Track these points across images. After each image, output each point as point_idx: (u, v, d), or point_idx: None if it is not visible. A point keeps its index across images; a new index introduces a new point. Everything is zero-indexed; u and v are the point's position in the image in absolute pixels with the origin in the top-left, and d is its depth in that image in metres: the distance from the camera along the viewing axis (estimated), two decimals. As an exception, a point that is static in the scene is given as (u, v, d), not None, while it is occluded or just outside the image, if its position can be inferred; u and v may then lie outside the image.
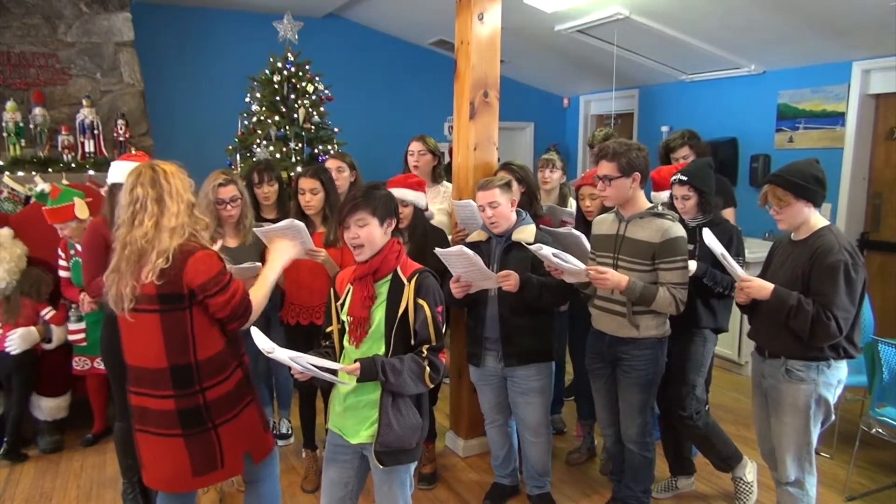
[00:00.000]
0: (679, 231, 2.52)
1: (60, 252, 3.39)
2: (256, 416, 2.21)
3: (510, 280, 2.61)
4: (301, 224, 2.70)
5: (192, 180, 2.14)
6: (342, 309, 2.13)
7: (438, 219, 3.54)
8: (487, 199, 2.72)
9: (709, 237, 2.41)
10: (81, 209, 3.21)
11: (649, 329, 2.60)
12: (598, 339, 2.75)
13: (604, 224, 2.73)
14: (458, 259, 2.55)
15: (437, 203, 3.64)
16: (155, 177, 2.00)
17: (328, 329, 2.19)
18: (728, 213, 3.33)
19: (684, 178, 2.77)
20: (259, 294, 2.19)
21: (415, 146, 3.66)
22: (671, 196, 2.91)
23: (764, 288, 2.30)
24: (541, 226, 2.90)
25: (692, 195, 2.78)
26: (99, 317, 2.94)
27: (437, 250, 2.54)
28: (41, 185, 3.97)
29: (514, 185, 2.91)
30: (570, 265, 2.45)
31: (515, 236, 2.74)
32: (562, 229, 2.79)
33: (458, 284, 2.66)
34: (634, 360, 2.63)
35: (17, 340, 3.43)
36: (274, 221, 3.37)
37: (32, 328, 3.51)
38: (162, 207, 1.97)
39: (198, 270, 1.96)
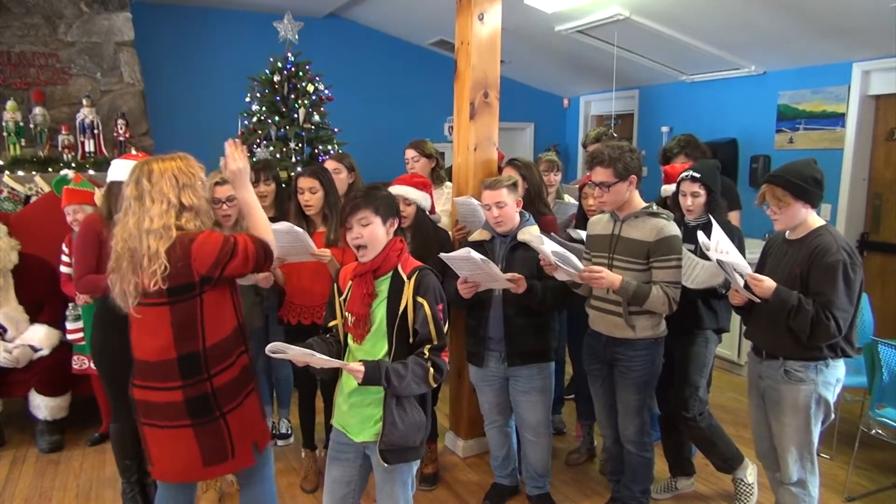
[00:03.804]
0: (673, 230, 2.52)
1: (65, 248, 3.39)
2: (257, 405, 2.21)
3: (520, 283, 2.60)
4: (300, 230, 2.69)
5: (203, 175, 2.08)
6: (345, 304, 2.13)
7: (442, 220, 3.54)
8: (494, 198, 2.72)
9: (718, 233, 2.34)
10: (100, 199, 3.26)
11: (645, 330, 2.60)
12: (595, 339, 2.75)
13: (598, 224, 2.74)
14: (465, 263, 2.53)
15: (439, 205, 3.64)
16: (140, 176, 1.99)
17: (330, 323, 2.19)
18: (733, 216, 3.33)
19: (697, 175, 2.77)
20: (259, 226, 2.12)
21: (408, 153, 3.67)
22: (675, 193, 2.90)
23: (771, 286, 2.27)
24: (551, 234, 2.89)
25: (702, 193, 2.78)
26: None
27: (443, 255, 2.52)
28: (65, 171, 4.05)
29: (520, 184, 2.91)
30: (566, 267, 2.44)
31: (520, 237, 2.74)
32: (577, 245, 2.82)
33: (466, 285, 2.65)
34: (631, 360, 2.63)
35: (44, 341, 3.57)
36: (271, 220, 3.37)
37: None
38: (142, 208, 1.96)
39: (205, 252, 1.95)
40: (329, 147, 4.91)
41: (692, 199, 2.80)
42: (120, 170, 2.71)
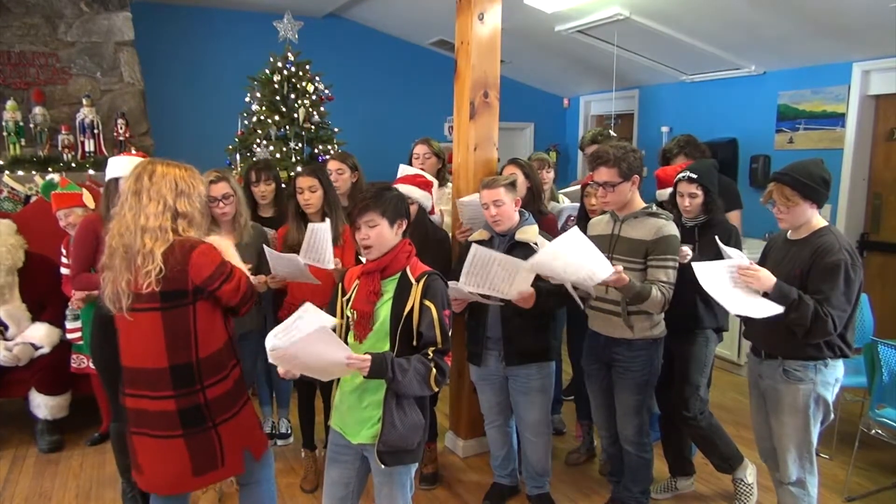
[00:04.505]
0: (672, 230, 2.52)
1: (63, 249, 3.40)
2: (253, 414, 2.21)
3: (527, 300, 2.53)
4: (301, 261, 2.66)
5: (203, 189, 2.09)
6: (348, 304, 2.13)
7: (445, 220, 3.54)
8: (492, 197, 2.72)
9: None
10: (88, 199, 3.27)
11: (644, 330, 2.60)
12: (594, 339, 2.76)
13: (598, 225, 2.74)
14: (458, 293, 2.57)
15: (441, 205, 3.65)
16: (142, 173, 1.99)
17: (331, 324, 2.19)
18: (734, 216, 3.33)
19: (694, 176, 2.77)
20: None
21: (420, 149, 3.65)
22: (673, 194, 2.91)
23: (770, 279, 2.26)
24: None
25: (700, 193, 2.78)
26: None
27: (452, 283, 2.49)
28: (50, 176, 4.02)
29: (519, 181, 2.91)
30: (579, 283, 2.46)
31: (519, 236, 2.73)
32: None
33: (456, 302, 2.67)
34: (629, 361, 2.64)
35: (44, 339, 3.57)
36: (270, 220, 3.37)
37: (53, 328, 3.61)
38: (139, 204, 1.96)
39: (202, 263, 1.96)
40: (329, 147, 4.91)
41: (690, 199, 2.80)
42: (118, 166, 2.71)
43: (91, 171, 4.48)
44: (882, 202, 4.71)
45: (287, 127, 4.78)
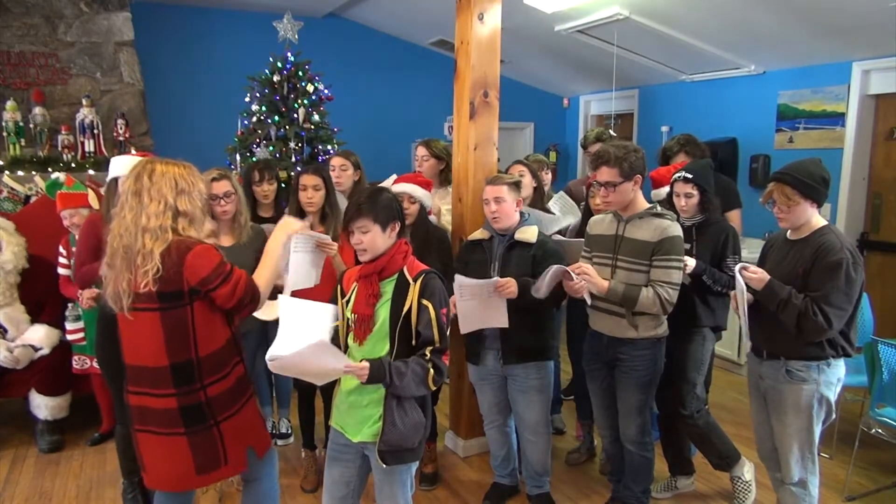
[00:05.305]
0: (677, 231, 2.52)
1: (62, 249, 3.39)
2: (256, 412, 2.21)
3: (510, 288, 2.58)
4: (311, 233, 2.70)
5: (202, 186, 2.08)
6: (347, 306, 2.14)
7: (447, 219, 3.54)
8: (494, 193, 2.73)
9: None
10: (94, 200, 3.26)
11: (648, 329, 2.60)
12: (596, 339, 2.75)
13: (601, 224, 2.73)
14: (474, 288, 2.59)
15: (444, 205, 3.65)
16: (141, 172, 1.99)
17: None
18: (734, 215, 3.33)
19: (689, 176, 2.78)
20: (265, 275, 2.17)
21: (419, 151, 3.67)
22: (670, 193, 2.91)
23: (765, 278, 2.29)
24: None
25: (695, 193, 2.79)
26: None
27: (459, 277, 2.54)
28: (56, 175, 4.01)
29: (526, 181, 2.93)
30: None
31: (518, 236, 2.74)
32: (573, 239, 2.84)
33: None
34: (633, 360, 2.63)
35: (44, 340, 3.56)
36: (270, 220, 3.37)
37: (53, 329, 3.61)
38: (139, 204, 1.95)
39: (198, 265, 1.95)
40: (329, 147, 4.91)
41: (686, 199, 2.81)
42: (119, 166, 2.71)
43: (91, 172, 4.48)
44: (882, 202, 4.71)
45: (287, 127, 4.79)
